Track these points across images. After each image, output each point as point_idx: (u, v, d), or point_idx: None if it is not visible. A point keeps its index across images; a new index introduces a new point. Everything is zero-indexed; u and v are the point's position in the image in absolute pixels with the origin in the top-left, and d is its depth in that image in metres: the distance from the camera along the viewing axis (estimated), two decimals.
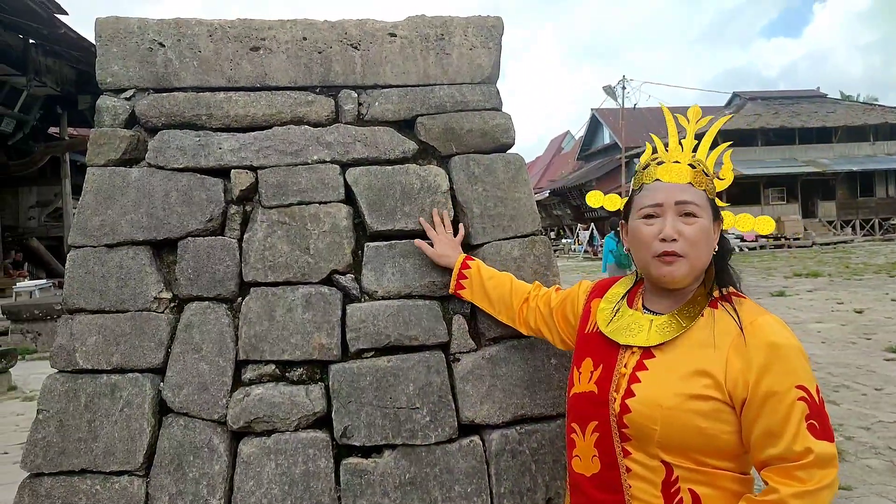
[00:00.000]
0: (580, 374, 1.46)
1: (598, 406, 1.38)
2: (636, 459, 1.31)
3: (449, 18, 2.36)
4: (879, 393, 5.65)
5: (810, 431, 1.19)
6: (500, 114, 2.35)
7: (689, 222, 1.35)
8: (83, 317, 2.05)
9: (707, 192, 1.39)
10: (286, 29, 2.27)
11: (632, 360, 1.36)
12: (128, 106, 2.21)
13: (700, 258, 1.36)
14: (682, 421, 1.25)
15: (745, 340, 1.25)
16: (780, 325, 1.28)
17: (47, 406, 1.97)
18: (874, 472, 3.98)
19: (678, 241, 1.34)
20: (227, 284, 2.10)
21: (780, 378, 1.21)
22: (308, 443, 1.99)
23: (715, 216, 1.40)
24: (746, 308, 1.32)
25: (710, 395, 1.24)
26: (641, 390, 1.31)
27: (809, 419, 1.19)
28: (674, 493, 1.27)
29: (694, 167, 1.40)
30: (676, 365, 1.30)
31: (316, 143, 2.22)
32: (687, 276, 1.36)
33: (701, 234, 1.35)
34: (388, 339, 2.07)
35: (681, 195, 1.37)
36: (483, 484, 2.02)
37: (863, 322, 9.15)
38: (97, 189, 2.12)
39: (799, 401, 1.20)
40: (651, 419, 1.27)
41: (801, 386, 1.21)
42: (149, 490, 1.94)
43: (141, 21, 2.21)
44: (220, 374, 2.02)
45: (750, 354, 1.23)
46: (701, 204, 1.37)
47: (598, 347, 1.46)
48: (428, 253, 2.10)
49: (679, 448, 1.26)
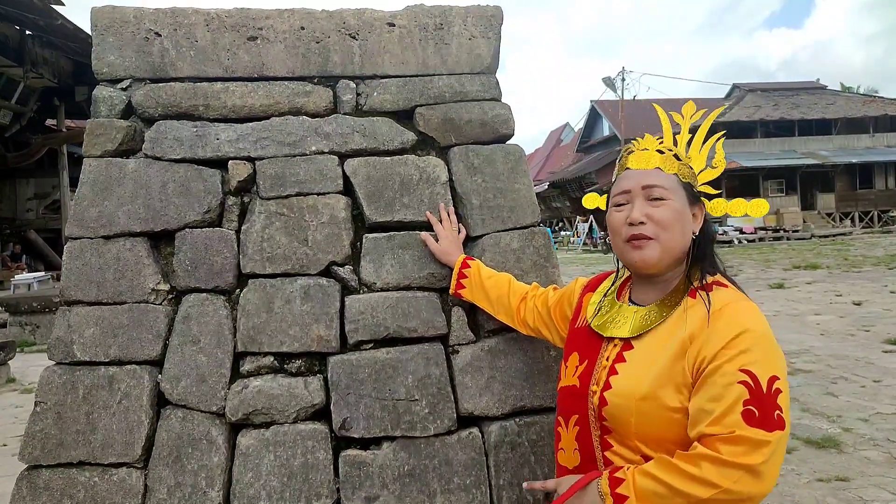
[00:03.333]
0: (567, 367, 1.48)
1: (579, 400, 1.40)
2: (617, 452, 1.32)
3: (448, 8, 2.34)
4: (878, 385, 5.66)
5: (744, 417, 1.14)
6: (499, 104, 2.33)
7: (657, 205, 1.36)
8: (81, 308, 2.04)
9: (680, 176, 1.40)
10: (284, 18, 2.25)
11: (613, 353, 1.37)
12: (124, 96, 2.19)
13: (673, 240, 1.35)
14: (655, 411, 1.25)
15: (713, 324, 1.24)
16: (750, 310, 1.27)
17: (45, 398, 1.96)
18: (872, 463, 3.99)
19: (647, 224, 1.35)
20: (225, 276, 2.09)
21: (729, 358, 1.19)
22: (307, 435, 1.98)
23: (692, 201, 1.40)
24: (722, 295, 1.31)
25: (683, 381, 1.24)
26: (618, 382, 1.31)
27: (748, 405, 1.15)
28: None
29: (662, 152, 1.41)
30: (652, 355, 1.30)
31: (314, 133, 2.20)
32: (660, 259, 1.35)
33: (670, 215, 1.35)
34: (386, 331, 2.07)
35: (646, 179, 1.38)
36: (482, 476, 2.01)
37: (861, 314, 9.16)
38: (94, 180, 2.11)
39: (739, 383, 1.16)
40: (627, 411, 1.27)
41: (747, 370, 1.17)
42: (147, 482, 1.94)
43: (137, 10, 2.18)
44: (218, 365, 2.02)
45: (710, 336, 1.23)
46: (669, 187, 1.37)
47: (585, 341, 1.47)
48: (432, 248, 2.10)
49: (656, 439, 1.26)
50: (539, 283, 2.16)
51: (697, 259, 1.38)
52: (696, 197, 1.42)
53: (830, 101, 33.12)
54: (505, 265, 2.15)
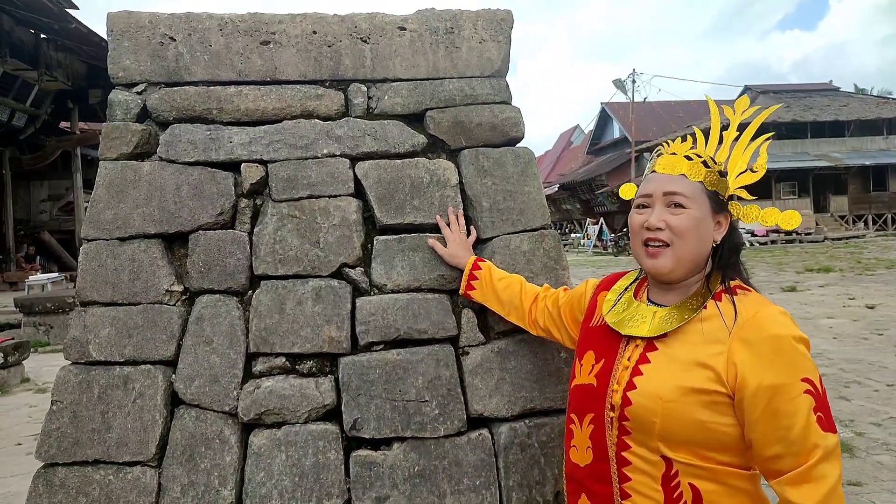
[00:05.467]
0: (581, 366, 1.47)
1: (596, 399, 1.38)
2: (636, 453, 1.30)
3: (458, 12, 2.35)
4: (891, 389, 5.61)
5: (819, 424, 1.18)
6: (509, 107, 2.34)
7: (676, 213, 1.35)
8: (96, 309, 2.07)
9: (705, 184, 1.37)
10: (296, 23, 2.27)
11: (635, 353, 1.36)
12: (139, 100, 2.22)
13: (687, 249, 1.34)
14: (682, 414, 1.24)
15: (747, 333, 1.23)
16: (784, 315, 1.26)
17: (61, 397, 2.00)
18: (885, 468, 3.96)
19: (664, 231, 1.35)
20: (238, 277, 2.12)
21: (786, 371, 1.19)
22: (318, 435, 2.00)
23: (717, 209, 1.38)
24: (750, 300, 1.30)
25: (712, 388, 1.23)
26: (643, 383, 1.30)
27: (817, 411, 1.18)
28: (674, 486, 1.26)
29: (690, 159, 1.38)
30: (678, 357, 1.29)
31: (326, 136, 2.23)
32: (674, 267, 1.35)
33: (688, 224, 1.34)
34: (397, 333, 2.08)
35: (670, 186, 1.37)
36: (492, 477, 2.02)
37: (875, 318, 9.08)
38: (109, 183, 2.14)
39: (805, 394, 1.18)
40: (651, 412, 1.27)
41: (807, 378, 1.19)
42: (161, 480, 1.96)
43: (152, 15, 2.22)
44: (230, 366, 2.04)
45: (753, 347, 1.22)
46: (690, 195, 1.35)
47: (601, 340, 1.46)
48: (440, 252, 2.12)
49: (680, 441, 1.25)
50: (549, 284, 2.17)
51: (719, 266, 1.37)
52: (722, 205, 1.40)
53: (843, 102, 32.87)
54: (515, 267, 2.16)
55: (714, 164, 1.41)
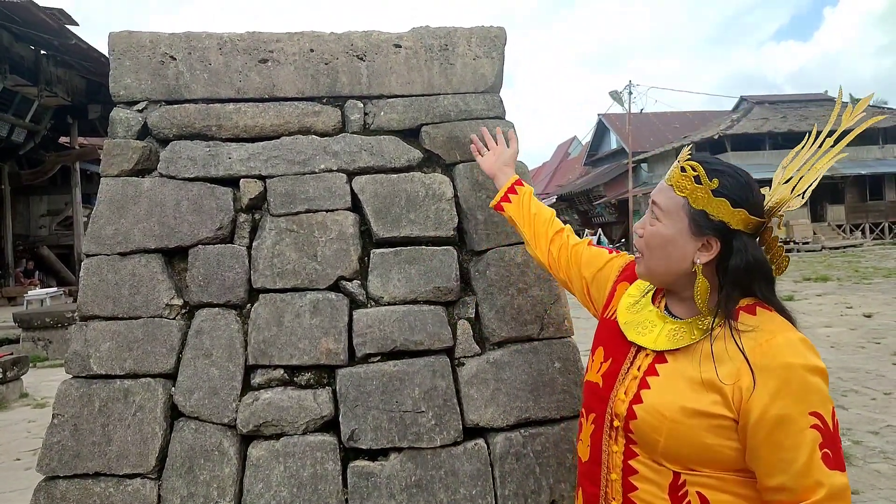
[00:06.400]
0: (593, 361, 1.43)
1: (599, 400, 1.35)
2: (643, 462, 1.27)
3: (452, 29, 2.40)
4: (888, 397, 5.63)
5: (824, 461, 1.11)
6: (503, 122, 2.39)
7: (652, 223, 1.32)
8: (97, 323, 2.10)
9: (690, 201, 1.26)
10: (293, 41, 2.32)
11: (645, 363, 1.31)
12: (140, 118, 2.27)
13: (654, 262, 1.31)
14: (685, 435, 1.20)
15: (758, 358, 1.17)
16: (802, 344, 1.18)
17: (62, 410, 2.02)
18: (883, 476, 3.97)
19: (641, 239, 1.34)
20: (237, 291, 2.15)
21: (794, 403, 1.13)
22: (316, 446, 2.03)
23: (698, 231, 1.26)
24: (768, 323, 1.22)
25: (717, 412, 1.18)
26: (649, 397, 1.26)
27: (823, 448, 1.12)
28: (682, 496, 1.22)
29: (684, 171, 1.28)
30: (686, 375, 1.24)
31: (323, 152, 2.27)
32: (646, 275, 1.35)
33: (653, 238, 1.30)
34: (393, 344, 2.11)
35: (656, 194, 1.33)
36: (488, 486, 2.05)
37: (872, 326, 9.10)
38: (110, 199, 2.18)
39: (812, 428, 1.12)
40: (655, 429, 1.23)
41: (816, 413, 1.13)
42: (161, 492, 1.99)
43: (153, 35, 2.27)
44: (229, 378, 2.07)
45: (761, 374, 1.15)
46: (667, 209, 1.29)
47: (612, 339, 1.41)
48: (479, 161, 2.09)
49: (683, 459, 1.22)
50: (543, 295, 2.21)
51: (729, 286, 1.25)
52: (710, 227, 1.25)
53: None
54: (509, 278, 2.20)
55: (708, 182, 1.25)
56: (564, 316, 2.23)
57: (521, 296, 2.20)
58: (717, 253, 1.26)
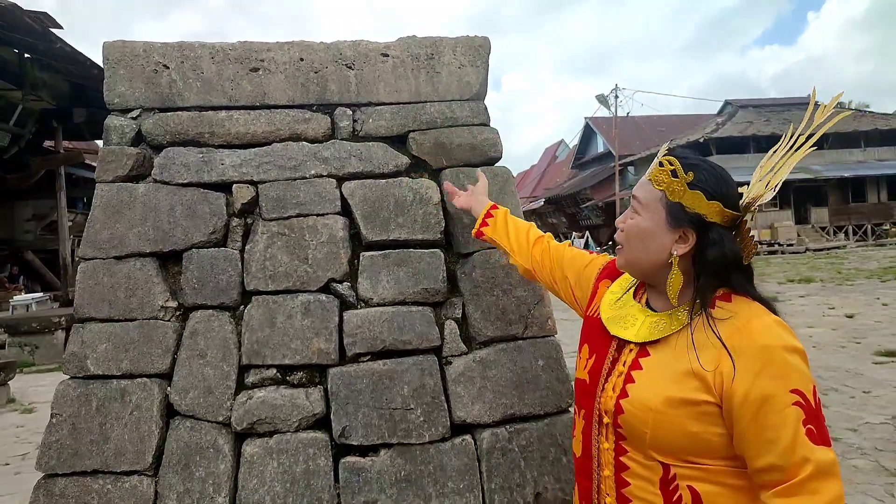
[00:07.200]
0: (580, 359, 1.46)
1: (587, 396, 1.38)
2: (633, 458, 1.29)
3: (439, 39, 2.48)
4: (867, 395, 5.75)
5: (808, 437, 1.13)
6: (488, 129, 2.47)
7: (631, 217, 1.36)
8: (94, 325, 2.15)
9: (667, 194, 1.31)
10: (284, 50, 2.39)
11: (629, 358, 1.33)
12: (134, 125, 2.32)
13: (634, 255, 1.35)
14: (672, 425, 1.22)
15: (737, 342, 1.20)
16: (779, 325, 1.22)
17: (61, 410, 2.07)
18: (860, 471, 4.08)
19: (622, 233, 1.39)
20: (230, 293, 2.21)
21: (774, 382, 1.15)
22: (308, 443, 2.09)
23: (674, 223, 1.30)
24: (745, 309, 1.25)
25: (701, 398, 1.20)
26: (634, 391, 1.28)
27: (807, 424, 1.14)
28: (672, 490, 1.24)
29: (661, 165, 1.33)
30: (668, 366, 1.26)
31: (313, 158, 2.34)
32: (625, 267, 1.40)
33: (632, 230, 1.35)
34: (383, 344, 2.18)
35: (637, 188, 1.38)
36: (475, 480, 2.12)
37: (853, 326, 9.27)
38: (105, 204, 2.23)
39: (794, 405, 1.14)
40: (642, 422, 1.25)
41: (796, 390, 1.15)
42: (157, 489, 2.04)
43: (146, 44, 2.33)
44: (224, 378, 2.13)
45: (741, 357, 1.18)
46: (646, 202, 1.33)
47: (595, 335, 1.44)
48: (459, 205, 2.17)
49: (671, 450, 1.25)
50: (527, 296, 2.29)
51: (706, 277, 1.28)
52: (684, 218, 1.29)
53: None
54: (494, 280, 2.28)
55: (684, 175, 1.30)
56: (548, 315, 2.31)
57: (506, 296, 2.28)
58: (693, 245, 1.30)
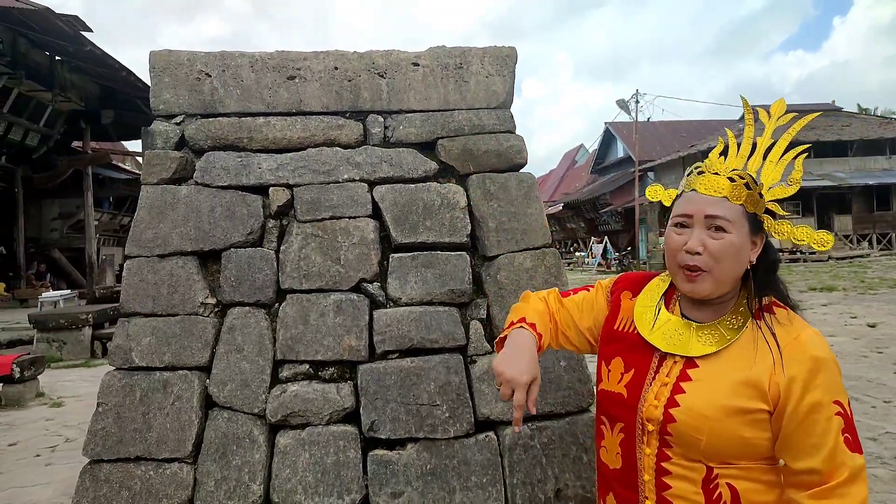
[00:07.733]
0: (609, 371, 1.45)
1: (627, 410, 1.38)
2: (677, 463, 1.31)
3: (467, 49, 2.57)
4: (888, 405, 5.72)
5: (847, 445, 1.21)
6: (513, 136, 2.55)
7: (716, 237, 1.32)
8: (138, 320, 2.27)
9: (746, 206, 1.34)
10: (319, 59, 2.50)
11: (675, 370, 1.35)
12: (178, 130, 2.44)
13: (725, 273, 1.34)
14: (727, 432, 1.26)
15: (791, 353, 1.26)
16: (821, 338, 1.29)
17: (106, 400, 2.19)
18: (879, 480, 4.08)
19: (702, 256, 1.35)
20: (266, 291, 2.32)
21: (822, 392, 1.23)
22: (338, 435, 2.19)
23: (754, 231, 1.35)
24: (793, 319, 1.32)
25: (756, 406, 1.25)
26: (686, 400, 1.30)
27: (845, 433, 1.22)
28: (713, 488, 1.29)
29: (733, 180, 1.34)
30: (722, 376, 1.29)
31: (346, 163, 2.44)
32: (712, 291, 1.37)
33: (727, 249, 1.33)
34: (411, 342, 2.27)
35: (711, 209, 1.33)
36: (497, 475, 2.20)
37: (875, 336, 9.17)
38: (150, 205, 2.35)
39: (837, 415, 1.22)
40: (696, 430, 1.27)
41: (838, 401, 1.23)
42: (196, 475, 2.15)
43: (190, 54, 2.45)
44: (259, 372, 2.23)
45: (796, 368, 1.24)
46: (732, 219, 1.33)
47: (631, 349, 1.44)
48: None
49: (721, 455, 1.30)
50: None
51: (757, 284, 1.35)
52: (759, 226, 1.36)
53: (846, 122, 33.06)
54: (518, 282, 2.36)
55: (755, 185, 1.36)
56: None
57: None
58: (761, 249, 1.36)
